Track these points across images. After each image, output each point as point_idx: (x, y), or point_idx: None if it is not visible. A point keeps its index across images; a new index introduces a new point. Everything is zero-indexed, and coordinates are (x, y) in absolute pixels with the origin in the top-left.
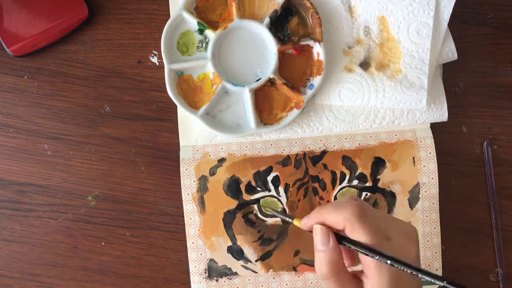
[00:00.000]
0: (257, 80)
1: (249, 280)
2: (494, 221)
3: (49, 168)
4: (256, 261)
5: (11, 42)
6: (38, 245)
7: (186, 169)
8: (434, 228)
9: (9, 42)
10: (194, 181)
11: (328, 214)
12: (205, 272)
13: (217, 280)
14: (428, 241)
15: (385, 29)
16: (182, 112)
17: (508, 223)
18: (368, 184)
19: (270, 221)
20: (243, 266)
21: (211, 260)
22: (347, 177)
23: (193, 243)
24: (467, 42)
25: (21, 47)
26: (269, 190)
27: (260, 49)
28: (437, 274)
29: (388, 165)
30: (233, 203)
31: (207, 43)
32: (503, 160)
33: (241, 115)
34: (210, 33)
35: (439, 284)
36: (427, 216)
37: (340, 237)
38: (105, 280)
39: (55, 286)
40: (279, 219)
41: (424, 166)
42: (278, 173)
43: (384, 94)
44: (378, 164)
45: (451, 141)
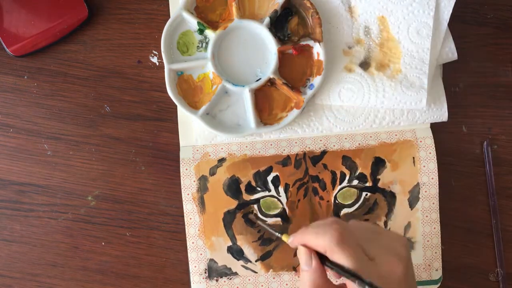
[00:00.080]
0: (257, 80)
1: (249, 280)
2: (494, 221)
3: (49, 168)
4: (256, 261)
5: (11, 42)
6: (38, 245)
7: (186, 169)
8: (434, 228)
9: (9, 42)
10: (194, 181)
11: (309, 239)
12: (205, 272)
13: (217, 280)
14: (428, 241)
15: (385, 29)
16: (182, 112)
17: (508, 223)
18: (368, 184)
19: (270, 221)
20: (243, 266)
21: (211, 260)
22: (347, 177)
23: (193, 243)
24: (467, 42)
25: (21, 47)
26: (269, 190)
27: (260, 49)
28: None
29: (388, 165)
30: (233, 203)
31: (207, 43)
32: (503, 160)
33: (241, 115)
34: (210, 33)
35: None
36: (427, 216)
37: (323, 258)
38: (105, 280)
39: (55, 286)
40: (279, 219)
41: (424, 166)
42: (278, 173)
43: (384, 94)
44: (378, 164)
45: (451, 141)
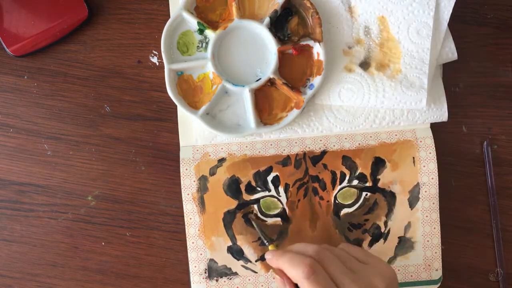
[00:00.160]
0: (257, 80)
1: (249, 280)
2: (494, 221)
3: (49, 168)
4: (256, 261)
5: (11, 42)
6: (38, 245)
7: (186, 169)
8: (434, 228)
9: (9, 42)
10: (194, 181)
11: (284, 267)
12: (205, 272)
13: (217, 280)
14: (428, 241)
15: (385, 29)
16: (182, 112)
17: (508, 223)
18: (368, 184)
19: (270, 221)
20: (243, 266)
21: (211, 260)
22: (347, 177)
23: (193, 243)
24: (467, 42)
25: (21, 47)
26: (269, 190)
27: (260, 49)
28: None
29: (388, 165)
30: (233, 203)
31: (207, 43)
32: (503, 160)
33: (241, 115)
34: (210, 33)
35: None
36: (427, 216)
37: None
38: (105, 280)
39: (55, 286)
40: (279, 219)
41: (424, 166)
42: (278, 173)
43: (384, 94)
44: (378, 164)
45: (451, 141)
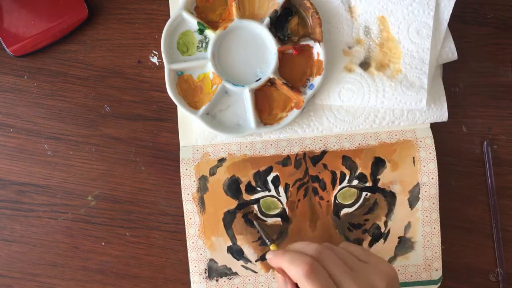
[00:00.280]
0: (257, 80)
1: (249, 280)
2: (494, 221)
3: (49, 168)
4: (256, 261)
5: (11, 42)
6: (38, 245)
7: (186, 169)
8: (434, 228)
9: (9, 42)
10: (194, 181)
11: (284, 265)
12: (205, 272)
13: (217, 280)
14: (428, 241)
15: (385, 29)
16: (182, 112)
17: (508, 223)
18: (368, 184)
19: (270, 221)
20: (243, 266)
21: (211, 260)
22: (347, 177)
23: (193, 243)
24: (467, 42)
25: (21, 47)
26: (269, 190)
27: (260, 49)
28: None
29: (388, 165)
30: (233, 203)
31: (207, 43)
32: (503, 160)
33: (241, 115)
34: (210, 33)
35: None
36: (427, 216)
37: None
38: (105, 280)
39: (55, 286)
40: (279, 219)
41: (424, 166)
42: (278, 173)
43: (384, 94)
44: (378, 164)
45: (451, 141)
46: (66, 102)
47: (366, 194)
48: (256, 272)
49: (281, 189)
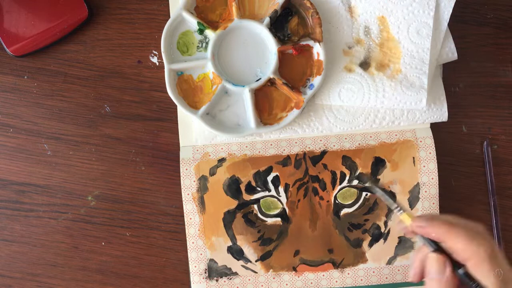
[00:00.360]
0: (257, 80)
1: (249, 280)
2: (494, 221)
3: (49, 168)
4: (256, 261)
5: (11, 42)
6: (38, 245)
7: (186, 169)
8: None
9: (9, 42)
10: (194, 181)
11: (459, 239)
12: (205, 272)
13: (217, 280)
14: None
15: (385, 29)
16: (182, 112)
17: (508, 223)
18: (368, 184)
19: (270, 221)
20: (243, 266)
21: (211, 260)
22: (347, 177)
23: (193, 243)
24: (467, 42)
25: (21, 47)
26: (269, 190)
27: (260, 49)
28: None
29: (388, 165)
30: (233, 203)
31: (207, 43)
32: (503, 160)
33: (241, 115)
34: (210, 33)
35: None
36: None
37: (456, 266)
38: (105, 280)
39: (55, 286)
40: (279, 219)
41: (424, 166)
42: (278, 173)
43: (384, 94)
44: (378, 164)
45: (451, 141)
46: (66, 102)
47: (366, 194)
48: (256, 272)
49: (281, 189)
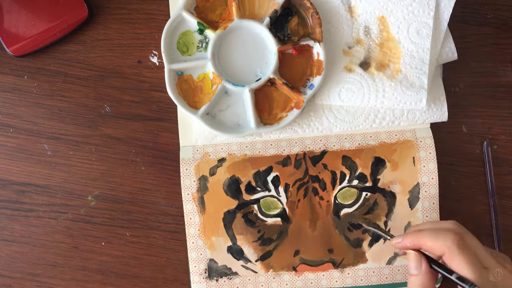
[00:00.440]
0: (257, 80)
1: (249, 280)
2: (494, 221)
3: (49, 168)
4: (256, 261)
5: (11, 42)
6: (38, 245)
7: (186, 169)
8: None
9: (9, 42)
10: (194, 181)
11: (426, 240)
12: (205, 272)
13: (217, 280)
14: None
15: (385, 29)
16: (182, 112)
17: (508, 223)
18: (368, 184)
19: (270, 221)
20: (243, 266)
21: (211, 260)
22: (347, 177)
23: (193, 243)
24: (467, 42)
25: (21, 47)
26: (269, 190)
27: (260, 49)
28: None
29: (388, 165)
30: (233, 203)
31: (207, 43)
32: (503, 160)
33: (241, 115)
34: (210, 33)
35: None
36: (427, 216)
37: (432, 262)
38: (105, 280)
39: (55, 286)
40: (279, 219)
41: (424, 166)
42: (278, 173)
43: (384, 94)
44: (378, 164)
45: (451, 141)
46: (66, 102)
47: (366, 194)
48: (256, 272)
49: (281, 189)
